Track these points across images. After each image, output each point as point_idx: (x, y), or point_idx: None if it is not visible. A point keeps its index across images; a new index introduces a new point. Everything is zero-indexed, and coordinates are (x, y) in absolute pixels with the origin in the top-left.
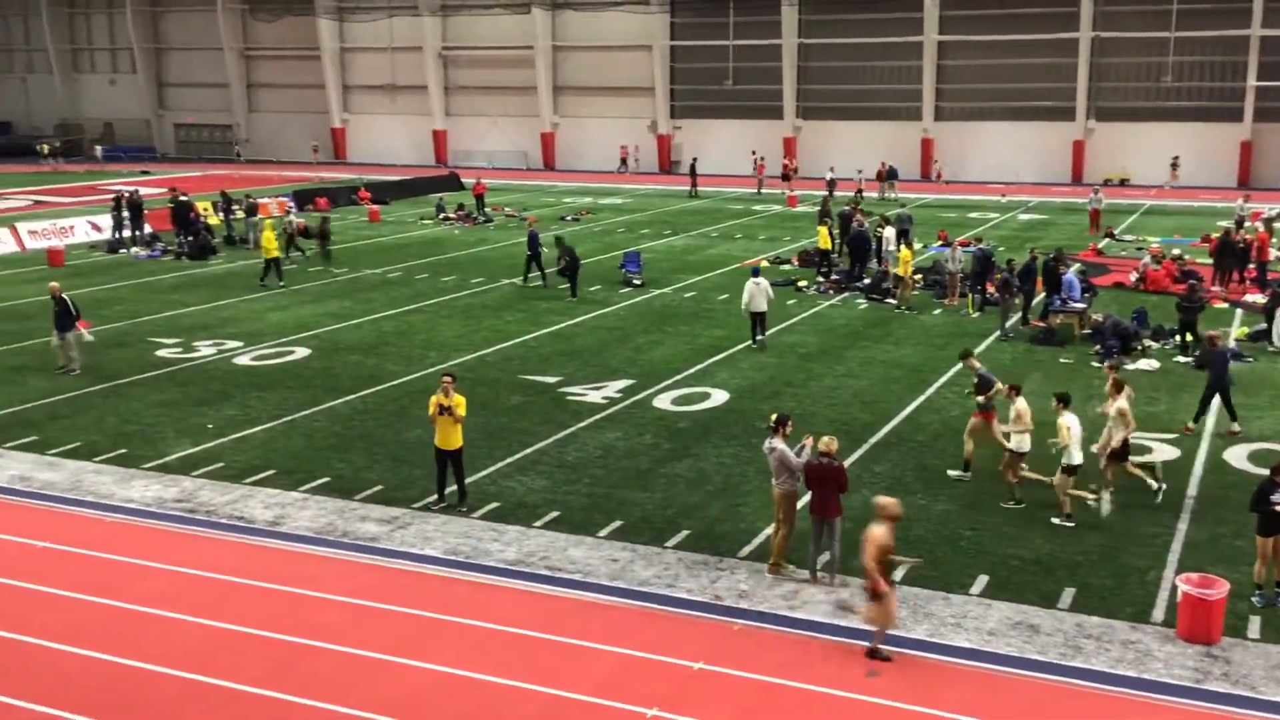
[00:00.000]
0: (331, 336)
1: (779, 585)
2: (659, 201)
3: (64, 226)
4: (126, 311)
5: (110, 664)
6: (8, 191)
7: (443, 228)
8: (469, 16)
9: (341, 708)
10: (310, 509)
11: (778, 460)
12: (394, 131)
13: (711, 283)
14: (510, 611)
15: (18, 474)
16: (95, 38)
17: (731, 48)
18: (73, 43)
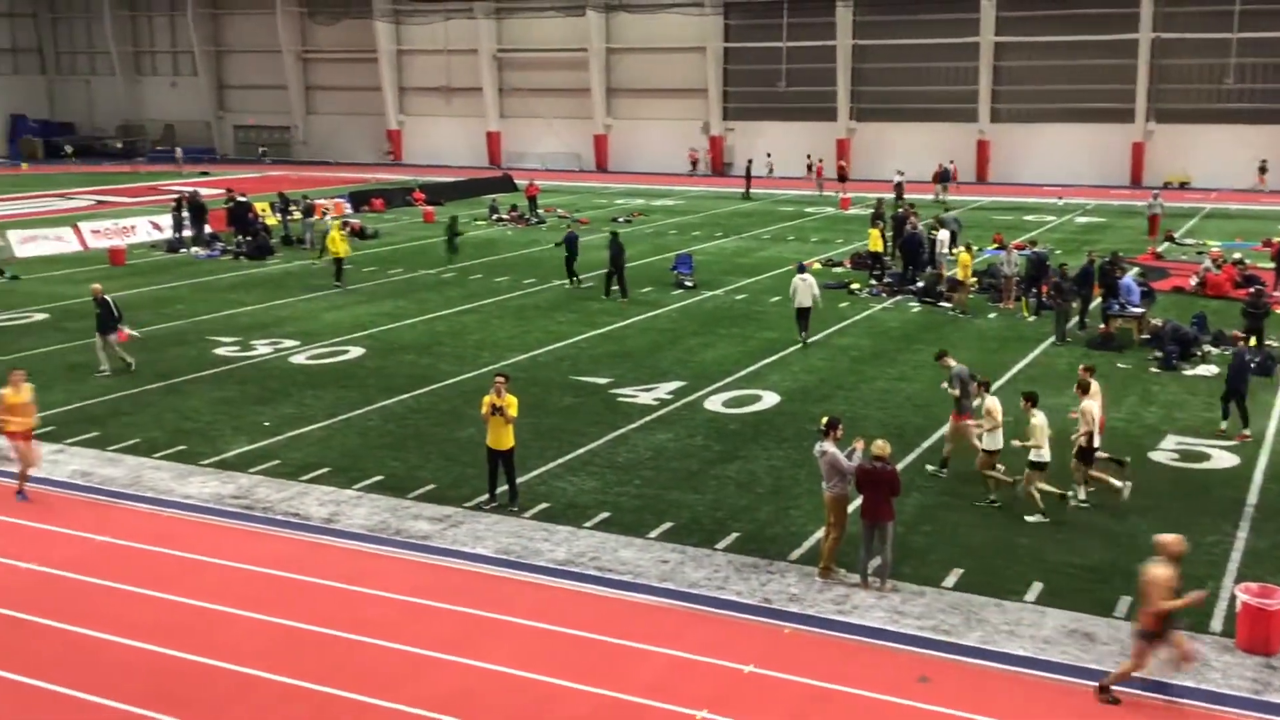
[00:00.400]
0: (386, 336)
1: (830, 589)
2: (711, 203)
3: (125, 226)
4: (186, 310)
5: (167, 657)
6: (71, 191)
7: (496, 229)
8: (524, 19)
9: (394, 704)
10: (364, 506)
11: (829, 464)
12: (449, 133)
13: (763, 285)
14: (560, 611)
15: (79, 469)
16: (157, 40)
17: (785, 49)
18: (135, 45)
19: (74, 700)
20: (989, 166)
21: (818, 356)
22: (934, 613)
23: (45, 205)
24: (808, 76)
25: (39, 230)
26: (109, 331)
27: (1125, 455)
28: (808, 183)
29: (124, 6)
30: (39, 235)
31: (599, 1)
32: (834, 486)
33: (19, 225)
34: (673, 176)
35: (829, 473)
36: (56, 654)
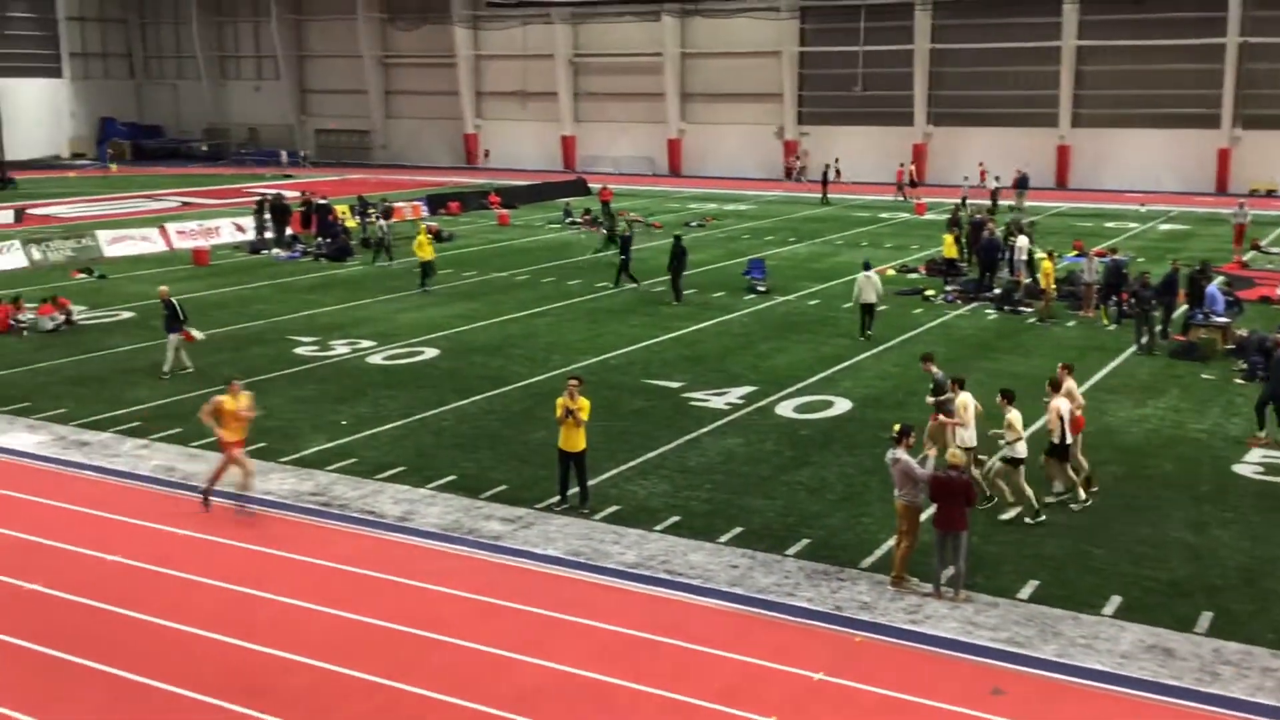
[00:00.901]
0: (460, 338)
1: (901, 598)
2: (784, 208)
3: (210, 227)
4: (267, 310)
5: (246, 650)
6: (158, 193)
7: (569, 232)
8: (600, 24)
9: (465, 701)
10: (438, 506)
11: (901, 472)
12: (524, 137)
13: (835, 290)
14: (630, 614)
15: (163, 464)
16: (242, 45)
17: (861, 53)
18: (220, 50)
19: (159, 691)
20: (1069, 172)
21: (891, 363)
22: (1008, 624)
23: (133, 206)
24: (884, 80)
25: (127, 230)
26: (174, 331)
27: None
28: (888, 188)
29: (211, 12)
30: (126, 235)
31: (675, 6)
32: (906, 495)
33: (108, 225)
34: (746, 181)
35: (901, 481)
36: (142, 646)
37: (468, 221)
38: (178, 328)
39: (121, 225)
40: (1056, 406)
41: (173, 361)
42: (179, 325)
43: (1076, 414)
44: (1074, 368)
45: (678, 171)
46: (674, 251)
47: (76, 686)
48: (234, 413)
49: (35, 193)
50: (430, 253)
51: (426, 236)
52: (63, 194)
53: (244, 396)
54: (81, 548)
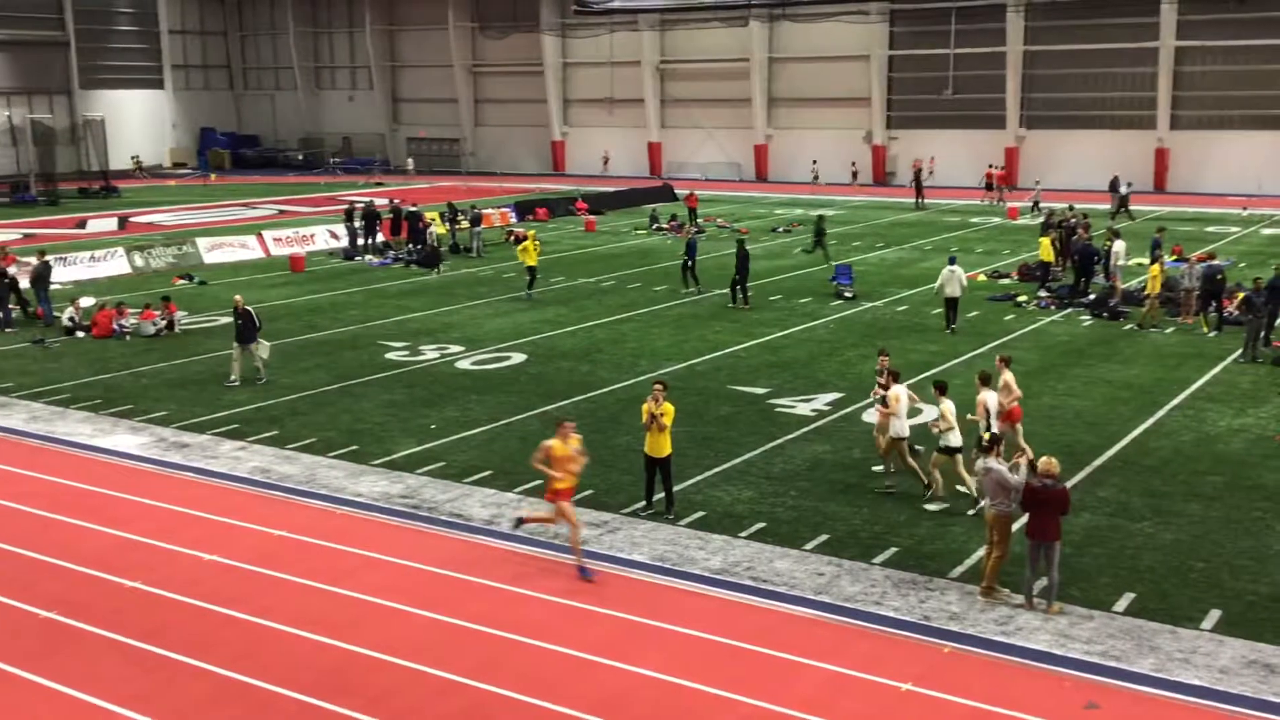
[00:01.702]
0: (547, 343)
1: (992, 609)
2: (872, 213)
3: (305, 234)
4: (359, 316)
5: (336, 649)
6: (255, 201)
7: (655, 238)
8: (687, 30)
9: (548, 704)
10: (524, 510)
11: (994, 481)
12: (610, 143)
13: (924, 296)
14: (714, 620)
15: (259, 466)
16: (336, 56)
17: (952, 56)
18: (316, 61)
19: (255, 688)
20: (1167, 175)
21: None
22: (1103, 637)
23: (231, 214)
24: (976, 83)
25: (225, 238)
26: (248, 342)
27: None
28: (976, 191)
29: (307, 24)
30: (225, 242)
31: (762, 11)
32: (998, 504)
33: (207, 233)
34: (834, 186)
35: (994, 490)
36: (239, 643)
37: (555, 227)
38: (253, 337)
39: (220, 233)
40: (983, 400)
41: (241, 370)
42: (253, 335)
43: (1013, 405)
44: (1011, 359)
45: (764, 177)
46: (738, 256)
47: (177, 683)
48: (566, 457)
49: (138, 201)
50: (535, 259)
51: (535, 243)
52: (164, 202)
53: (575, 439)
54: (181, 547)
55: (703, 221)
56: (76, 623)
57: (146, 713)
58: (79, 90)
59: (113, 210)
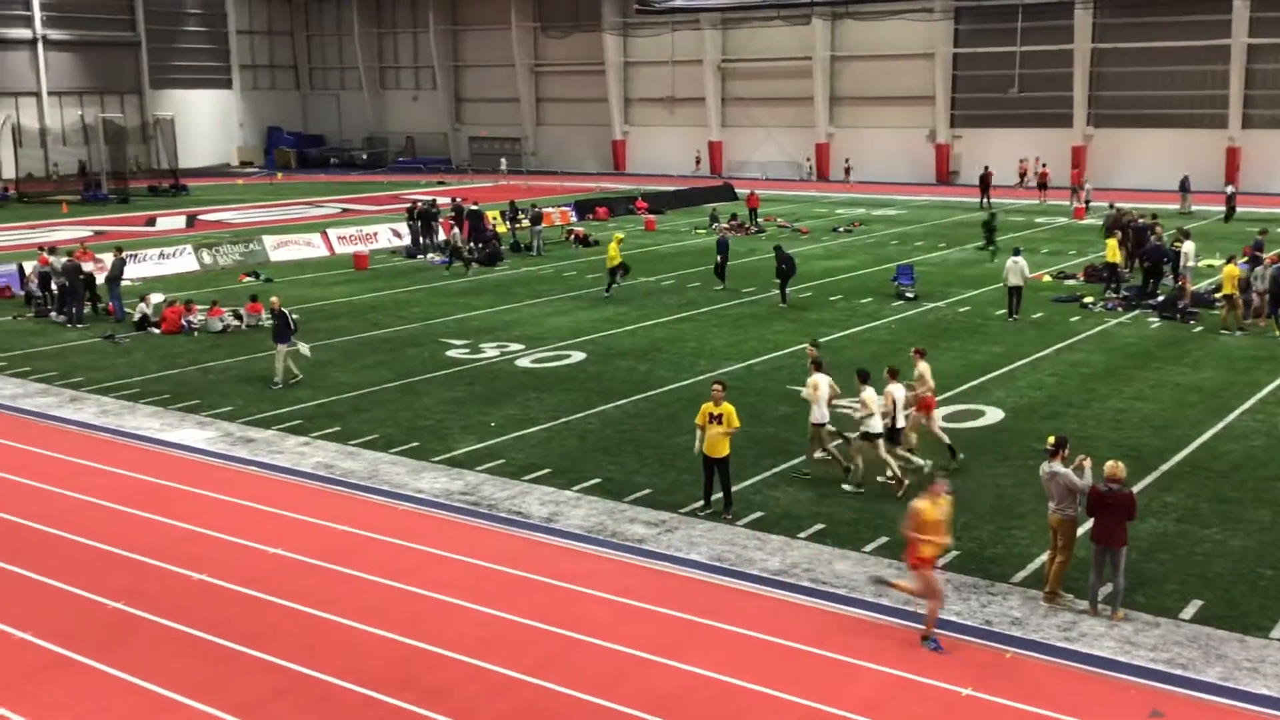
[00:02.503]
0: (606, 342)
1: (1055, 615)
2: (935, 213)
3: (368, 233)
4: (421, 313)
5: (397, 643)
6: (320, 199)
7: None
8: (749, 29)
9: (605, 701)
10: (582, 508)
11: (1061, 485)
12: (671, 143)
13: (987, 297)
14: (772, 621)
15: (322, 461)
16: (401, 57)
17: (1018, 54)
18: (380, 61)
19: (316, 681)
20: (1239, 175)
21: (1046, 372)
22: (1169, 645)
23: (296, 212)
24: (1042, 81)
25: (290, 235)
26: (283, 341)
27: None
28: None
29: (371, 25)
30: (290, 240)
31: (825, 9)
32: (1063, 508)
33: (273, 231)
34: (895, 185)
35: (1060, 494)
36: (302, 636)
37: (614, 226)
38: (288, 337)
39: (286, 231)
40: (890, 392)
41: (283, 372)
42: (289, 336)
43: (926, 395)
44: (926, 351)
45: (826, 176)
46: (778, 258)
47: (241, 674)
48: (936, 522)
49: (206, 199)
50: (618, 257)
51: (617, 246)
52: (231, 200)
53: (945, 500)
54: (246, 540)
55: (763, 221)
56: (144, 614)
57: (211, 703)
58: (149, 90)
59: (182, 208)
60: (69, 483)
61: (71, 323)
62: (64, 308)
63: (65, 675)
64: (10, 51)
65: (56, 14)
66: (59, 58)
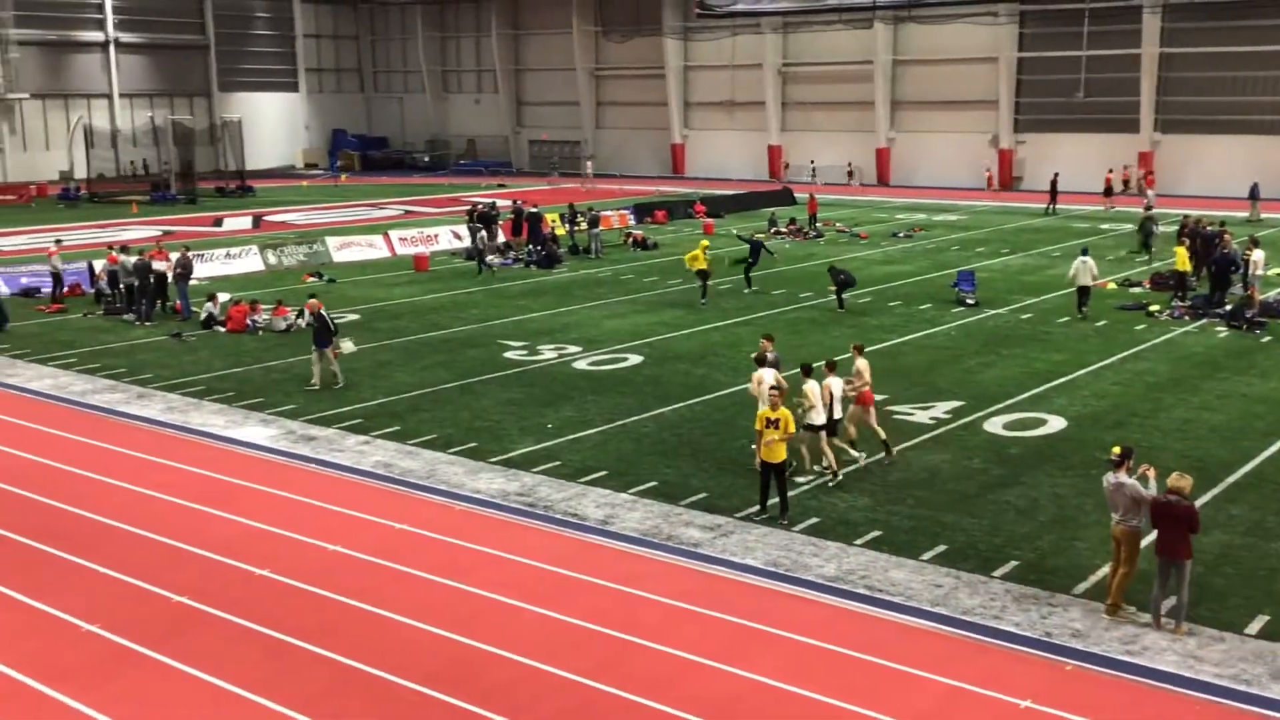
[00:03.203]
0: (663, 345)
1: (1117, 628)
2: (997, 218)
3: (429, 234)
4: (480, 315)
5: (453, 642)
6: (382, 201)
7: (774, 241)
8: (810, 32)
9: (659, 704)
10: (638, 511)
11: (1129, 496)
12: (730, 146)
13: (1050, 304)
14: (828, 628)
15: (381, 460)
16: (463, 61)
17: (1085, 58)
18: (443, 65)
19: (373, 678)
20: None
21: (1110, 381)
22: (1234, 660)
23: (359, 214)
24: (1108, 86)
25: (353, 237)
26: (324, 346)
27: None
28: (1119, 199)
29: (435, 28)
30: (353, 242)
31: (888, 13)
32: (1128, 519)
33: (336, 232)
34: (957, 191)
35: (1125, 505)
36: (360, 633)
37: (673, 230)
38: (327, 341)
39: (349, 232)
40: (828, 385)
41: (321, 374)
42: (329, 339)
43: (865, 389)
44: (864, 347)
45: (886, 181)
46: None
47: (300, 670)
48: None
49: (272, 200)
50: (703, 263)
51: (703, 251)
52: (296, 201)
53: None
54: (307, 537)
55: (821, 226)
56: (207, 608)
57: (271, 698)
58: (218, 92)
59: (248, 209)
60: (135, 478)
61: (140, 321)
62: (133, 306)
63: (129, 667)
64: (83, 54)
65: (128, 17)
66: (130, 60)
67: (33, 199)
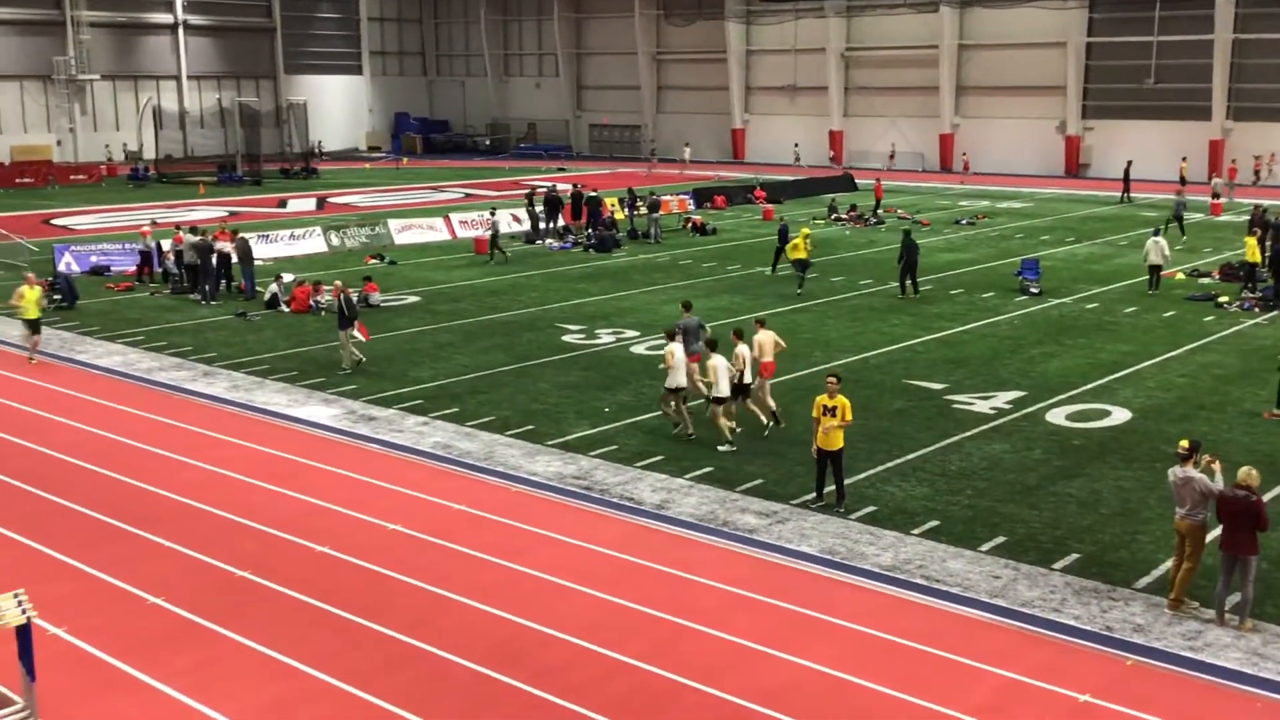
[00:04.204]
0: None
1: (1180, 623)
2: (1063, 206)
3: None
4: (538, 298)
5: (510, 622)
6: (443, 184)
7: (834, 228)
8: (874, 17)
9: (713, 690)
10: (694, 496)
11: (1195, 490)
12: (791, 132)
13: (1116, 294)
14: (884, 617)
15: (440, 441)
16: (525, 44)
17: (1155, 44)
18: (505, 49)
19: (429, 655)
20: None
21: (1176, 373)
22: None
23: (420, 197)
24: (1179, 73)
25: (414, 220)
26: (344, 327)
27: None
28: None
29: (497, 13)
30: (414, 224)
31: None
32: (1193, 514)
33: (398, 215)
34: (1022, 178)
35: (1192, 499)
36: (415, 611)
37: (732, 216)
38: (348, 324)
39: (410, 215)
40: (741, 353)
41: (348, 357)
42: (350, 322)
43: (767, 361)
44: (766, 321)
45: (949, 167)
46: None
47: (358, 645)
48: None
49: (335, 182)
50: (803, 252)
51: (805, 240)
52: (359, 184)
53: None
54: (366, 515)
55: (883, 213)
56: (268, 582)
57: (329, 672)
58: (284, 75)
59: (312, 191)
60: (201, 454)
61: (206, 300)
62: (199, 285)
63: (193, 639)
64: (153, 36)
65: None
66: (198, 43)
67: (102, 179)
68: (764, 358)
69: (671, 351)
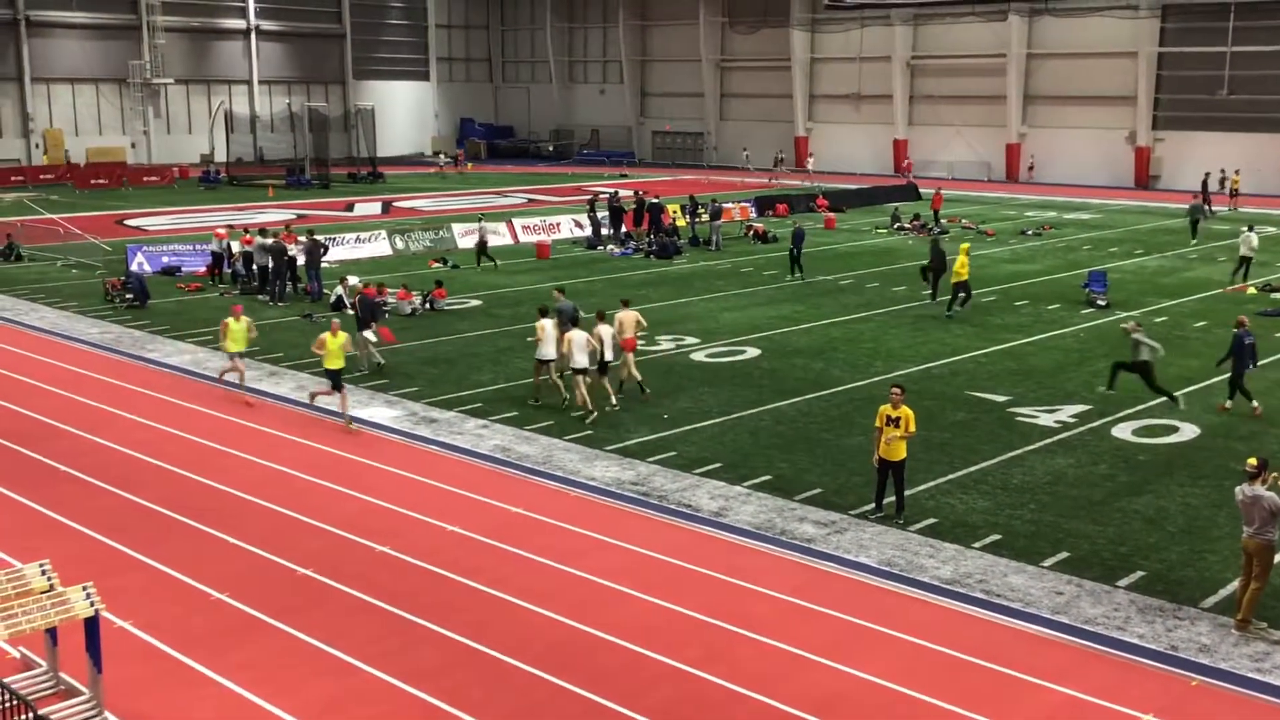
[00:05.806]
0: (781, 339)
1: (1248, 644)
2: (1132, 218)
3: (551, 223)
4: (599, 304)
5: (566, 626)
6: (507, 189)
7: (896, 237)
8: (941, 25)
9: (769, 699)
10: (752, 504)
11: (1264, 508)
12: (855, 140)
13: (1186, 308)
14: (943, 631)
15: (500, 444)
16: (589, 51)
17: (1229, 54)
18: (570, 55)
19: (486, 656)
20: None
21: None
22: None
23: (484, 202)
24: (1253, 84)
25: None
26: (362, 329)
27: None
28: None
29: (563, 19)
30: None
31: (1023, 5)
32: (1262, 532)
33: (462, 219)
34: (1090, 189)
35: (1263, 518)
36: (474, 612)
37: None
38: (366, 325)
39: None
40: (599, 332)
41: (368, 359)
42: (367, 324)
43: (628, 338)
44: (630, 300)
45: (1015, 177)
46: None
47: (416, 644)
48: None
49: (400, 187)
50: (965, 273)
51: (967, 257)
52: (424, 189)
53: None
54: (426, 516)
55: (946, 222)
56: (330, 581)
57: (388, 670)
58: (352, 80)
59: (378, 195)
60: (267, 453)
61: (273, 301)
62: (266, 287)
63: (255, 635)
64: (226, 41)
65: (269, 5)
66: (269, 48)
67: (175, 181)
68: (624, 335)
69: (542, 326)
